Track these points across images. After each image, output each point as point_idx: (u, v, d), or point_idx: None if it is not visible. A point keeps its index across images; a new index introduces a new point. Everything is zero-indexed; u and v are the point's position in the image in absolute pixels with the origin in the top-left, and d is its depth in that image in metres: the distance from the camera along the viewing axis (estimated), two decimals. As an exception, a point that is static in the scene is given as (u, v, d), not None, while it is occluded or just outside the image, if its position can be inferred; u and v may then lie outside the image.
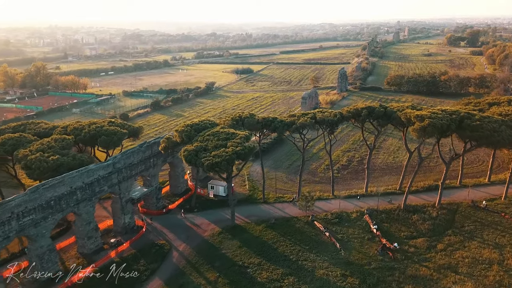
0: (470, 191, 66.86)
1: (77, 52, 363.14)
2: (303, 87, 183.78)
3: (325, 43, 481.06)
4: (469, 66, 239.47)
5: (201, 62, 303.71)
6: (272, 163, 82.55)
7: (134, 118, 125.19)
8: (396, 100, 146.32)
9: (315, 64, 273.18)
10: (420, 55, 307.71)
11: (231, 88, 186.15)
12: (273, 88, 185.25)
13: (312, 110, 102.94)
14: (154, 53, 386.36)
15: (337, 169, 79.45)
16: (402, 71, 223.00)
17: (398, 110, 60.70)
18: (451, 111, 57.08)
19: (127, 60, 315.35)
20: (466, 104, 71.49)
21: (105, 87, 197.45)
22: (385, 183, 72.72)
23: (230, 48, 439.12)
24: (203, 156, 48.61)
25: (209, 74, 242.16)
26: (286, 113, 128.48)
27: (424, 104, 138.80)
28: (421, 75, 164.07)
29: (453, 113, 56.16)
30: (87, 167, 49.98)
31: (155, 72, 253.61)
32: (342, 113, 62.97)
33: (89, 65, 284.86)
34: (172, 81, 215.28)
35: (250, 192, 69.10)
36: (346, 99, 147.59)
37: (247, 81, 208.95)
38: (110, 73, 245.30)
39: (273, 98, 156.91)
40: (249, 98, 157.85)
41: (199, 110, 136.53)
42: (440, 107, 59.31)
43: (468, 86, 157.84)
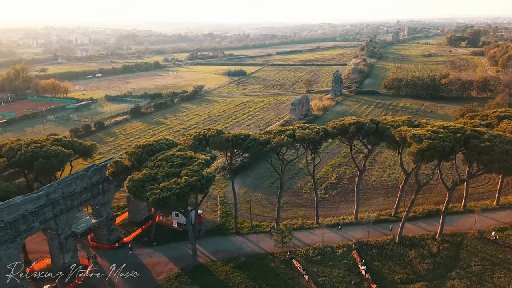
0: (476, 217, 57.65)
1: (68, 53, 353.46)
2: (296, 90, 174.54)
3: (323, 44, 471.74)
4: (470, 67, 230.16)
5: (194, 64, 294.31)
6: (252, 181, 73.16)
7: (110, 126, 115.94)
8: (393, 105, 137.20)
9: (311, 65, 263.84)
10: (419, 56, 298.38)
11: (220, 92, 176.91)
12: (265, 91, 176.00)
13: (298, 122, 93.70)
14: (147, 54, 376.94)
15: (325, 188, 70.20)
16: (401, 73, 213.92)
17: (392, 126, 51.47)
18: (455, 128, 47.78)
19: (118, 62, 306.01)
20: (471, 117, 62.09)
21: (90, 90, 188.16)
22: (379, 207, 63.48)
23: (226, 48, 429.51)
24: (150, 188, 39.43)
25: (200, 76, 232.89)
26: (275, 120, 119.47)
27: (424, 110, 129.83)
28: (420, 78, 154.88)
29: (457, 131, 46.93)
30: (10, 201, 40.78)
31: (144, 75, 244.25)
32: (327, 130, 53.72)
33: (78, 67, 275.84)
34: (160, 84, 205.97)
35: (222, 219, 59.74)
36: (340, 104, 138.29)
37: (239, 84, 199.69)
38: (98, 75, 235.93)
39: (264, 103, 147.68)
40: (238, 103, 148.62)
41: (182, 116, 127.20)
42: (441, 124, 49.93)
43: (471, 89, 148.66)
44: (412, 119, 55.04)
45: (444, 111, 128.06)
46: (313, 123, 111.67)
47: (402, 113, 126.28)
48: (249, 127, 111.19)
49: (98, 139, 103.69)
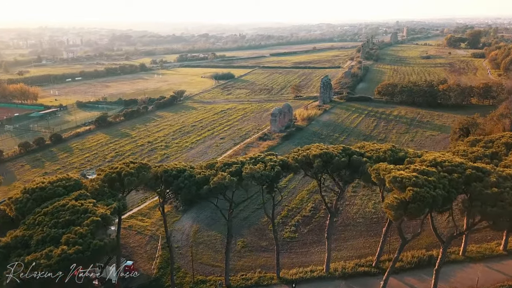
0: (480, 269, 45.73)
1: (53, 54, 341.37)
2: (284, 96, 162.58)
3: (319, 45, 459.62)
4: (470, 70, 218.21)
5: (183, 66, 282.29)
6: (209, 215, 60.97)
7: (69, 139, 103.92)
8: (386, 113, 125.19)
9: (303, 68, 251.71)
10: (418, 58, 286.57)
11: (203, 97, 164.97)
12: (251, 97, 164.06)
13: (278, 134, 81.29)
14: (137, 55, 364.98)
15: (295, 224, 58.09)
16: (397, 77, 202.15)
17: (369, 159, 39.49)
18: (451, 165, 35.71)
19: (104, 64, 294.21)
20: (472, 143, 49.88)
21: (65, 95, 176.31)
22: (358, 251, 51.44)
23: (220, 50, 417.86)
24: (16, 260, 27.52)
25: (186, 79, 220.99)
26: (254, 132, 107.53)
27: (420, 119, 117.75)
28: (416, 83, 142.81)
29: (454, 169, 34.94)
30: None
31: (128, 78, 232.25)
32: (286, 162, 41.69)
33: (62, 69, 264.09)
34: (141, 88, 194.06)
35: (160, 272, 47.59)
36: (328, 113, 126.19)
37: (224, 88, 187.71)
38: (78, 78, 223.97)
39: (246, 110, 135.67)
40: (218, 110, 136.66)
41: (152, 127, 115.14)
42: (434, 158, 37.74)
43: (471, 96, 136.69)
44: (397, 149, 43.07)
45: (442, 121, 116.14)
46: (294, 136, 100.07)
47: (395, 123, 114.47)
48: (223, 141, 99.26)
49: (50, 155, 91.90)
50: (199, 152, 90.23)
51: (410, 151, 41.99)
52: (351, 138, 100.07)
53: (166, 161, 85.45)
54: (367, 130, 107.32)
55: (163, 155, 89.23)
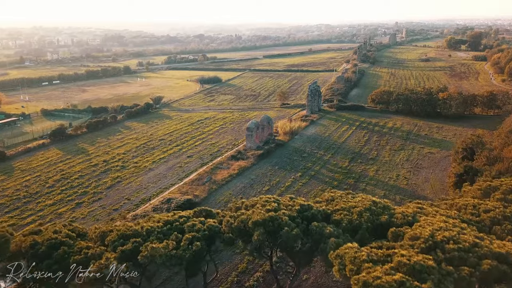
0: None
1: (37, 56, 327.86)
2: (270, 103, 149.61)
3: (316, 46, 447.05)
4: (472, 75, 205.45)
5: (170, 68, 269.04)
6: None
7: (16, 156, 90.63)
8: (380, 125, 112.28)
9: (296, 71, 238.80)
10: (416, 60, 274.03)
11: (182, 104, 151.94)
12: (234, 104, 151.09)
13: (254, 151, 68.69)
14: (125, 56, 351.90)
15: None
16: (394, 81, 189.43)
17: (336, 228, 26.47)
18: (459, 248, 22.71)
19: (89, 66, 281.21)
20: (484, 193, 36.43)
21: (36, 101, 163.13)
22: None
23: (213, 51, 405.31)
24: None
25: (170, 83, 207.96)
26: (228, 147, 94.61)
27: (417, 132, 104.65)
28: (413, 91, 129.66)
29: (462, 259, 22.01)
30: None
31: (109, 81, 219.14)
32: (217, 230, 28.61)
33: (45, 71, 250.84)
34: (120, 93, 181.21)
35: None
36: (315, 124, 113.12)
37: (208, 93, 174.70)
38: (56, 82, 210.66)
39: (225, 120, 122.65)
40: (195, 120, 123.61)
41: (115, 141, 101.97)
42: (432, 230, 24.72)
43: (474, 105, 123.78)
44: (379, 207, 29.93)
45: (442, 135, 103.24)
46: (272, 154, 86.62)
47: (390, 137, 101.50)
48: (189, 160, 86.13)
49: (-16, 178, 78.61)
50: (157, 176, 77.07)
51: (397, 213, 28.80)
52: (338, 156, 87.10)
53: (116, 187, 72.47)
54: (357, 146, 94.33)
55: (115, 178, 76.05)
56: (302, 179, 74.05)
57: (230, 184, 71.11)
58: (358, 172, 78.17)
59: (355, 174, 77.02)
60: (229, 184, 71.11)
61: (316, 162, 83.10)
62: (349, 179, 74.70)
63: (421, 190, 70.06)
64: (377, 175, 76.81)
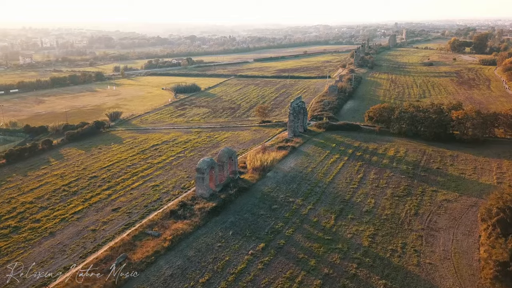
0: None
1: (7, 60, 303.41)
2: (249, 119, 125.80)
3: (312, 48, 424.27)
4: (482, 82, 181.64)
5: (149, 74, 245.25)
6: None
7: None
8: (379, 153, 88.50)
9: (285, 78, 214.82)
10: (419, 64, 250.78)
11: (144, 121, 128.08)
12: (206, 120, 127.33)
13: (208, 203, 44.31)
14: (106, 60, 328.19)
15: None
16: (395, 91, 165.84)
17: None
18: None
19: (62, 70, 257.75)
20: None
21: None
22: None
23: (203, 54, 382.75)
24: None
25: (142, 92, 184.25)
26: (174, 192, 70.68)
27: (426, 165, 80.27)
28: (420, 108, 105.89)
29: None
30: None
31: (75, 90, 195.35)
32: None
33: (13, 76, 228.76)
34: (80, 105, 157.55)
35: None
36: (297, 153, 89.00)
37: (180, 105, 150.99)
38: (13, 91, 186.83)
39: (186, 145, 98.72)
40: (149, 144, 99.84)
41: (31, 180, 77.66)
42: None
43: (495, 126, 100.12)
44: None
45: (459, 169, 79.39)
46: (229, 208, 61.40)
47: (391, 172, 77.70)
48: (112, 216, 62.03)
49: None
50: (51, 250, 52.72)
51: None
52: (321, 207, 63.29)
53: (-16, 270, 48.50)
54: (347, 189, 70.49)
55: (-9, 253, 52.17)
56: (265, 256, 50.22)
57: (151, 269, 47.19)
58: (347, 238, 54.46)
59: (343, 243, 53.29)
60: (150, 268, 47.19)
61: (289, 220, 59.29)
62: (333, 253, 51.00)
63: (440, 277, 46.36)
64: (374, 244, 53.11)
